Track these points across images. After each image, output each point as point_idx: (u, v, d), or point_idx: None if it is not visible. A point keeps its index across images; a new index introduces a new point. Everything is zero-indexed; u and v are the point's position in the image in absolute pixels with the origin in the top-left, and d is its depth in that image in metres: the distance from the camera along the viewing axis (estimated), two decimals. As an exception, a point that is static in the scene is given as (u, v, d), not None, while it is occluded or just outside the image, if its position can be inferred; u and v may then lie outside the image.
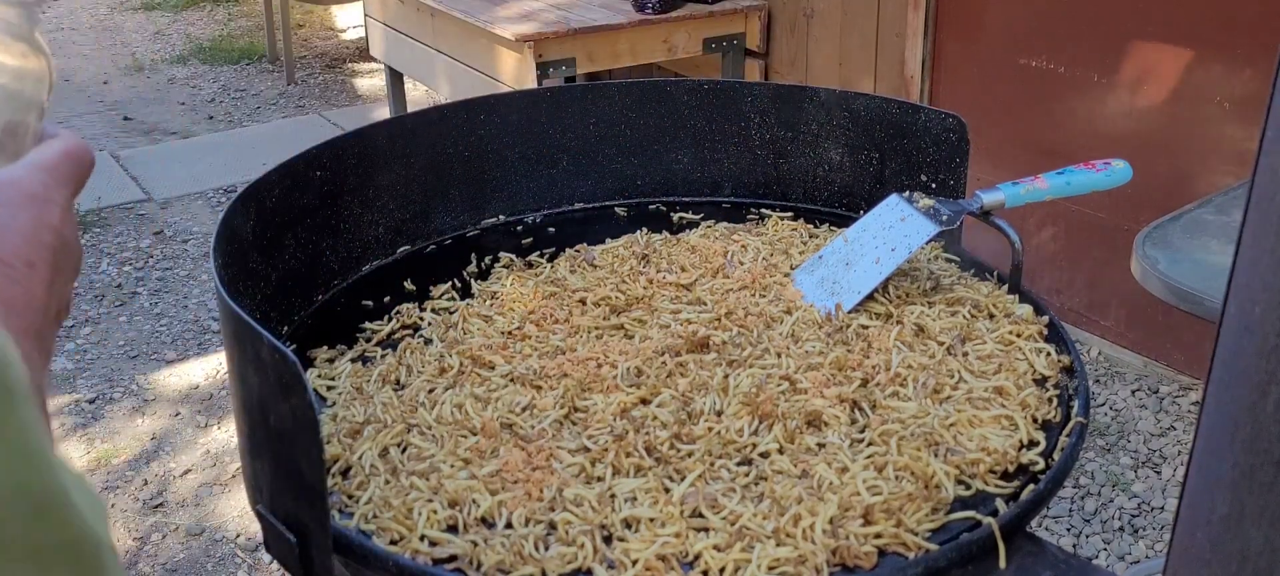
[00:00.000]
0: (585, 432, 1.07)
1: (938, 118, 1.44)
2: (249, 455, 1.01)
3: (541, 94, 1.67)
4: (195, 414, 3.01)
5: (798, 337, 1.23)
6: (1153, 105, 2.82)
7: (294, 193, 1.34)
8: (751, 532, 0.93)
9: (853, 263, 1.32)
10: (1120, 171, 1.36)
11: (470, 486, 0.98)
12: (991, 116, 3.18)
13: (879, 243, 1.32)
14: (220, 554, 2.50)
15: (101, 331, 3.43)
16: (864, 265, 1.31)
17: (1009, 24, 3.10)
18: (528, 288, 1.36)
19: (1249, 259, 0.55)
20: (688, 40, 3.68)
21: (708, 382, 1.14)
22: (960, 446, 1.04)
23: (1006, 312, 1.28)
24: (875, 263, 1.30)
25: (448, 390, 1.15)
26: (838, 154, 1.56)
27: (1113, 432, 2.78)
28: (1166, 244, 1.66)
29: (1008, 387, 1.13)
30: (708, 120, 1.62)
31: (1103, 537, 2.45)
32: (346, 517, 0.97)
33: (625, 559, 0.91)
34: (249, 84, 5.82)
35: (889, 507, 0.95)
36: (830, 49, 3.63)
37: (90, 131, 5.21)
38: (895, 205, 1.35)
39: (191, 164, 4.75)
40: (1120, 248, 2.96)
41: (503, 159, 1.58)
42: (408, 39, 4.18)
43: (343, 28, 6.90)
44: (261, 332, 0.88)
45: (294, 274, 1.34)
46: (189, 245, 4.02)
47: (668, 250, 1.44)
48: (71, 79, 6.01)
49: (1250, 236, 0.55)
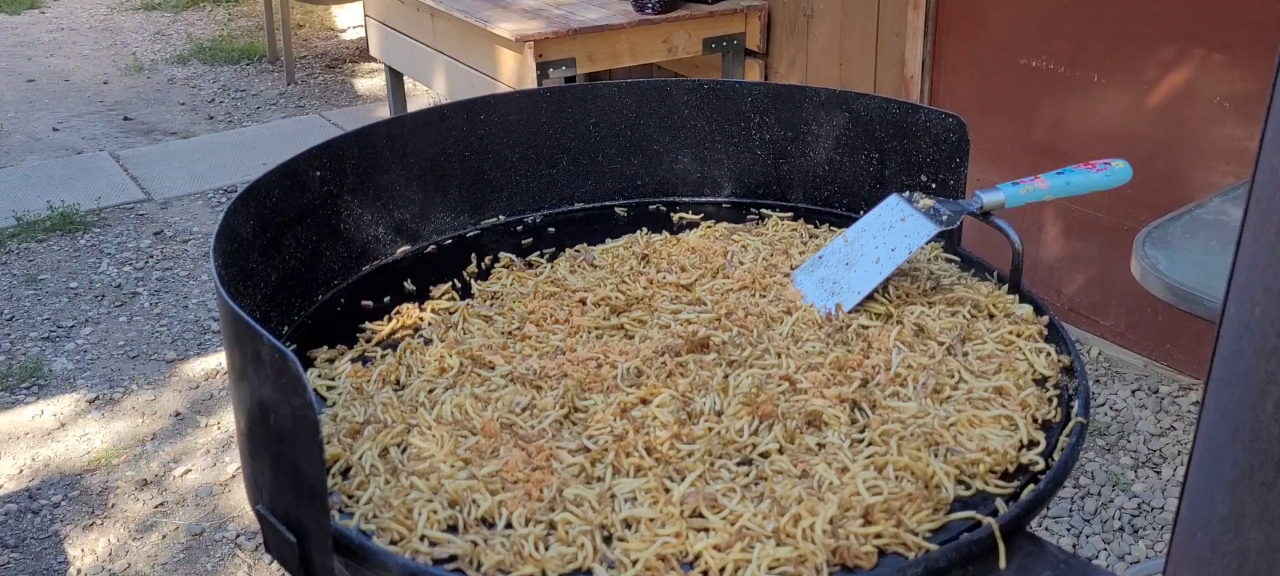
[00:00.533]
0: (585, 432, 1.07)
1: (938, 118, 1.44)
2: (249, 455, 1.01)
3: (541, 94, 1.67)
4: (195, 414, 3.01)
5: (798, 337, 1.23)
6: (1153, 105, 2.82)
7: (294, 193, 1.34)
8: (751, 532, 0.93)
9: (853, 263, 1.32)
10: (1120, 171, 1.36)
11: (470, 486, 0.98)
12: (991, 116, 3.18)
13: (879, 243, 1.32)
14: (220, 554, 2.50)
15: (101, 331, 3.43)
16: (864, 265, 1.31)
17: (1009, 24, 3.10)
18: (528, 287, 1.36)
19: (1249, 259, 0.55)
20: (688, 40, 3.68)
21: (708, 382, 1.14)
22: (960, 446, 1.04)
23: (1006, 312, 1.28)
24: (875, 263, 1.30)
25: (448, 390, 1.15)
26: (838, 154, 1.56)
27: (1113, 432, 2.78)
28: (1166, 244, 1.66)
29: (1008, 387, 1.13)
30: (708, 120, 1.62)
31: (1103, 537, 2.45)
32: (346, 517, 0.97)
33: (625, 559, 0.91)
34: (249, 84, 5.82)
35: (889, 507, 0.95)
36: (830, 49, 3.63)
37: (90, 131, 5.21)
38: (895, 205, 1.35)
39: (191, 164, 4.76)
40: (1120, 248, 2.96)
41: (503, 159, 1.58)
42: (408, 39, 4.18)
43: (343, 28, 6.90)
44: (261, 333, 0.88)
45: (294, 274, 1.34)
46: (189, 245, 4.02)
47: (668, 250, 1.44)
48: (71, 79, 6.02)
49: (1250, 236, 0.55)
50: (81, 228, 4.12)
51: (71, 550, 2.52)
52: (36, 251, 3.96)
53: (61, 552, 2.51)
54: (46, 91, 5.83)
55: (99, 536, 2.55)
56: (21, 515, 2.63)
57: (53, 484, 2.73)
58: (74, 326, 3.46)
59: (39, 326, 3.46)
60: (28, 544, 2.54)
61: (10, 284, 3.73)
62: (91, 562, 2.48)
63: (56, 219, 4.16)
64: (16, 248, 3.99)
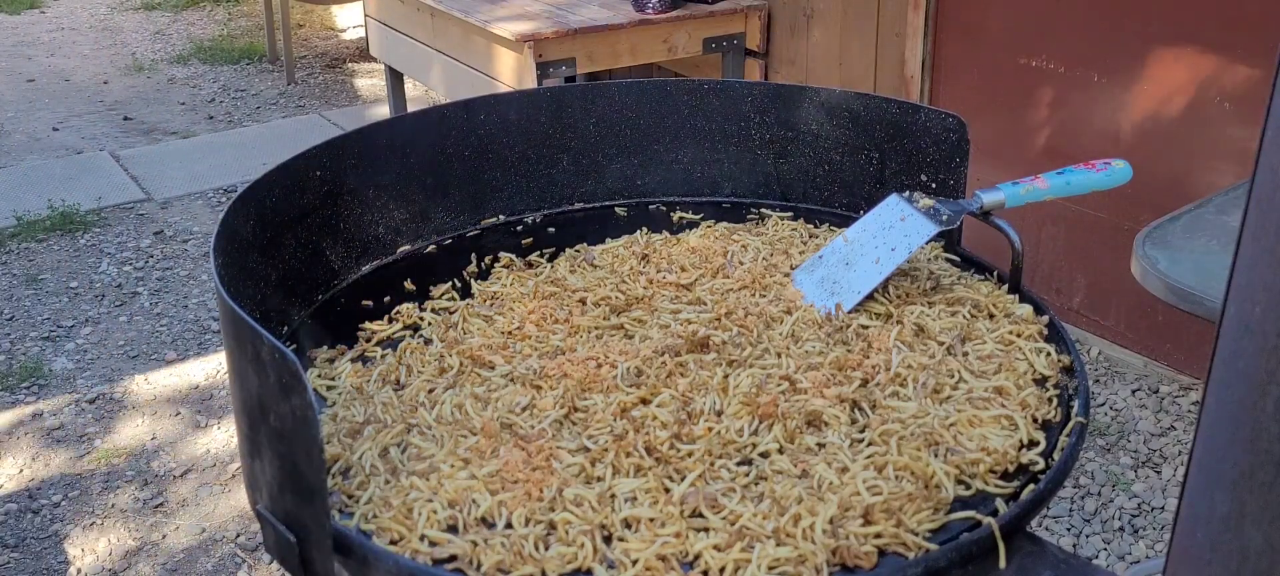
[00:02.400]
0: (585, 432, 1.07)
1: (938, 118, 1.44)
2: (249, 455, 1.01)
3: (541, 94, 1.67)
4: (195, 414, 3.01)
5: (798, 337, 1.23)
6: (1153, 105, 2.82)
7: (294, 193, 1.34)
8: (751, 532, 0.93)
9: (852, 262, 1.32)
10: (1120, 171, 1.36)
11: (470, 486, 0.98)
12: (991, 116, 3.18)
13: (879, 243, 1.32)
14: (220, 554, 2.50)
15: (101, 331, 3.43)
16: (864, 265, 1.31)
17: (1009, 24, 3.10)
18: (528, 287, 1.36)
19: (1249, 259, 0.55)
20: (688, 40, 3.68)
21: (708, 382, 1.14)
22: (960, 446, 1.04)
23: (1006, 312, 1.28)
24: (875, 262, 1.30)
25: (448, 390, 1.15)
26: (838, 154, 1.56)
27: (1113, 432, 2.78)
28: (1166, 244, 1.66)
29: (1008, 387, 1.13)
30: (708, 120, 1.62)
31: (1103, 537, 2.45)
32: (346, 517, 0.97)
33: (625, 559, 0.91)
34: (249, 84, 5.82)
35: (889, 507, 0.95)
36: (830, 49, 3.63)
37: (90, 131, 5.21)
38: (895, 205, 1.35)
39: (191, 164, 4.76)
40: (1120, 248, 2.96)
41: (503, 159, 1.58)
42: (408, 39, 4.18)
43: (343, 28, 6.90)
44: (261, 333, 0.88)
45: (294, 274, 1.34)
46: (189, 245, 4.02)
47: (668, 250, 1.44)
48: (71, 79, 6.02)
49: (1250, 236, 0.55)
50: (81, 227, 4.12)
51: (71, 550, 2.52)
52: (36, 251, 3.96)
53: (61, 552, 2.51)
54: (46, 91, 5.83)
55: (99, 536, 2.55)
56: (21, 515, 2.63)
57: (53, 484, 2.73)
58: (74, 326, 3.46)
59: (39, 326, 3.46)
60: (28, 544, 2.54)
61: (10, 284, 3.73)
62: (91, 562, 2.48)
63: (56, 219, 4.16)
64: (16, 247, 3.99)
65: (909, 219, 1.32)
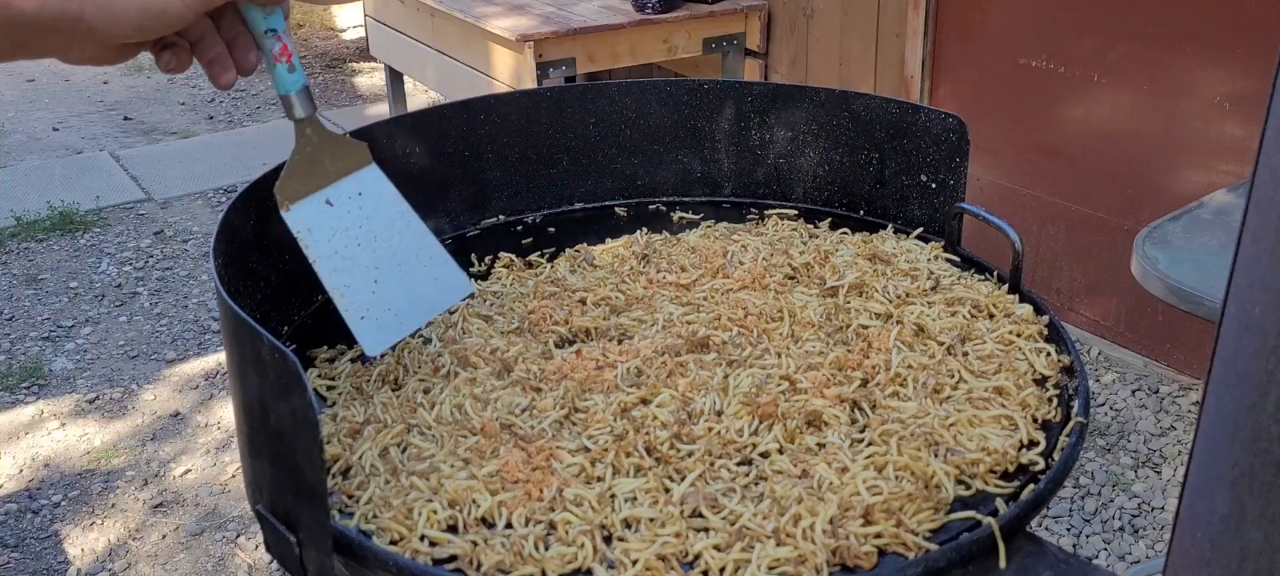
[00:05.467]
0: (585, 433, 1.07)
1: (938, 117, 1.44)
2: (249, 455, 1.01)
3: (541, 94, 1.67)
4: (195, 414, 3.01)
5: (798, 338, 1.23)
6: (1153, 105, 2.82)
7: (294, 193, 1.33)
8: (751, 532, 0.93)
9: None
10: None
11: (470, 486, 0.98)
12: (991, 116, 3.18)
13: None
14: (220, 554, 2.50)
15: (101, 331, 3.43)
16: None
17: (1009, 24, 3.11)
18: (528, 287, 1.36)
19: (1249, 259, 0.55)
20: (688, 40, 3.68)
21: (708, 382, 1.14)
22: (960, 446, 1.04)
23: (1006, 312, 1.28)
24: None
25: (447, 390, 1.15)
26: (838, 154, 1.56)
27: (1113, 432, 2.78)
28: (1166, 244, 1.66)
29: (1008, 387, 1.13)
30: (708, 120, 1.62)
31: (1103, 537, 2.45)
32: (346, 517, 0.97)
33: (625, 559, 0.91)
34: (249, 84, 5.82)
35: (889, 507, 0.95)
36: (830, 49, 3.63)
37: (90, 131, 5.21)
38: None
39: (191, 164, 4.76)
40: (1120, 247, 2.96)
41: (503, 159, 1.58)
42: (407, 39, 4.18)
43: (343, 28, 6.90)
44: (261, 333, 0.88)
45: (294, 274, 1.34)
46: (189, 245, 4.02)
47: (668, 250, 1.44)
48: (71, 78, 6.01)
49: (1250, 236, 0.55)
50: (81, 227, 4.12)
51: (71, 550, 2.52)
52: (36, 251, 3.96)
53: (61, 552, 2.51)
54: (46, 91, 5.83)
55: (99, 536, 2.55)
56: (21, 515, 2.63)
57: (53, 484, 2.73)
58: (74, 326, 3.46)
59: (39, 326, 3.46)
60: (28, 544, 2.54)
61: (10, 284, 3.73)
62: (91, 562, 2.48)
63: (56, 219, 4.16)
64: (16, 247, 3.99)
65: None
